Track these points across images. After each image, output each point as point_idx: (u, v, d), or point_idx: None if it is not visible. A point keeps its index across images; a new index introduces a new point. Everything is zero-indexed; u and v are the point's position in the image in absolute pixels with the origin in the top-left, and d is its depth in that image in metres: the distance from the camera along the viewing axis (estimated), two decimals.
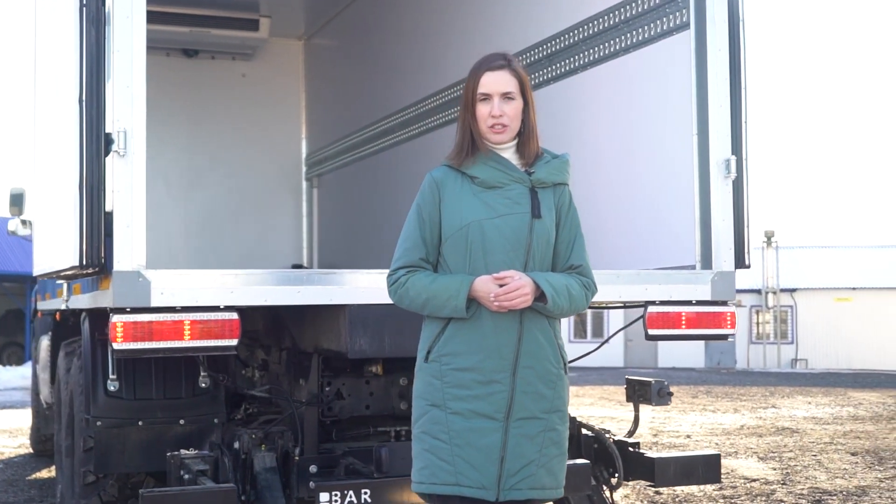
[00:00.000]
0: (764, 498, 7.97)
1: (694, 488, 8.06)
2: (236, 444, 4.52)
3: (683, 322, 4.75)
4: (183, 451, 4.54)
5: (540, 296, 3.12)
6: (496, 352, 3.12)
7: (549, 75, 6.05)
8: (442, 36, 7.58)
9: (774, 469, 9.37)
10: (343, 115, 9.53)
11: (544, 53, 6.12)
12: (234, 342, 4.06)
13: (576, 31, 5.80)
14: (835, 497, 8.08)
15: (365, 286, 4.24)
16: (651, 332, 4.69)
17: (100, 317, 5.18)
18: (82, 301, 4.92)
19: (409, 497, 4.40)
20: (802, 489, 8.34)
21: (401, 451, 4.37)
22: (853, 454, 10.37)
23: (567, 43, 5.89)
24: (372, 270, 4.27)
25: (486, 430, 3.11)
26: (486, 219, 3.17)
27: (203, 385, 5.28)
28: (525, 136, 3.26)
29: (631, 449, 5.00)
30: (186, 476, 4.27)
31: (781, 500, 7.90)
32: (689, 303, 4.76)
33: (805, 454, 10.37)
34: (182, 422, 5.24)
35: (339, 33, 9.76)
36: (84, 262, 3.84)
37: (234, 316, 4.05)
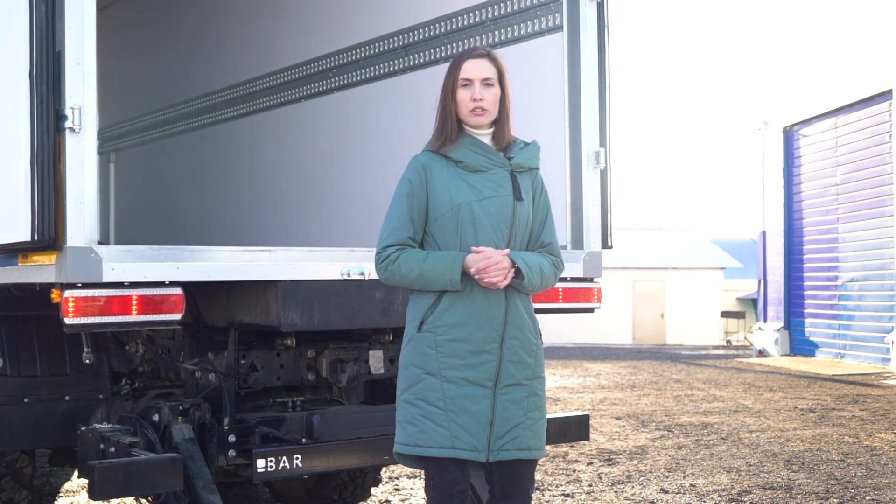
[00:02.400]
0: (561, 458, 8.73)
1: None
2: (155, 417, 4.60)
3: (560, 297, 5.28)
4: (98, 426, 4.58)
5: (517, 272, 3.47)
6: (487, 324, 3.44)
7: (408, 64, 6.40)
8: (275, 19, 7.72)
9: None
10: (148, 90, 9.42)
11: (401, 43, 6.47)
12: (178, 316, 4.18)
13: (438, 24, 6.18)
14: (621, 455, 8.96)
15: (298, 262, 4.46)
16: (534, 305, 5.17)
17: None
18: None
19: (336, 462, 4.68)
20: (591, 450, 9.18)
21: (330, 419, 4.64)
22: (618, 419, 11.41)
23: (427, 35, 6.26)
24: (303, 248, 4.50)
25: (478, 396, 3.41)
26: (474, 200, 3.47)
27: (87, 361, 5.30)
28: (501, 122, 3.57)
29: None
30: (112, 449, 4.32)
31: (577, 460, 8.68)
32: (564, 279, 5.28)
33: None
34: (67, 398, 5.23)
35: (140, 7, 9.61)
36: (36, 238, 3.84)
37: (179, 291, 4.16)
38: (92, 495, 4.07)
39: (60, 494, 7.31)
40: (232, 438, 4.64)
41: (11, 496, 5.38)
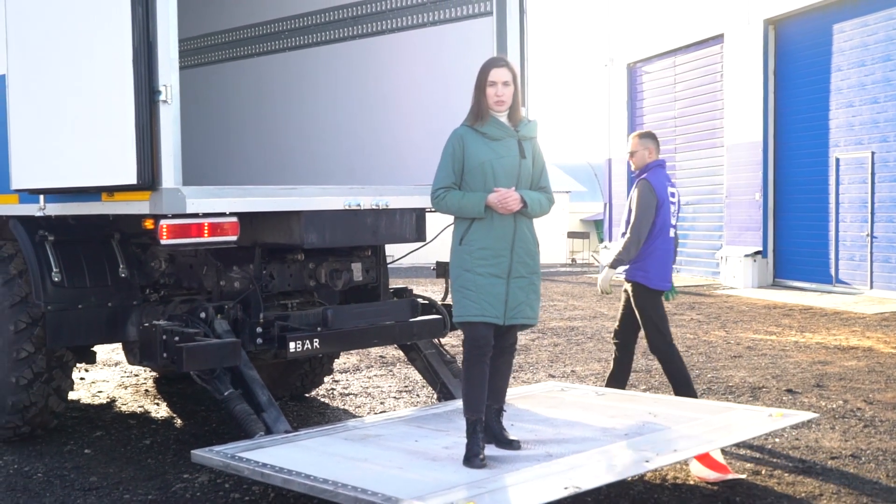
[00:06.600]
0: (458, 354, 10.45)
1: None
2: (202, 315, 6.03)
3: None
4: (157, 322, 5.98)
5: (524, 204, 5.15)
6: (502, 238, 5.14)
7: (356, 32, 7.84)
8: None
9: None
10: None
11: (350, 14, 7.89)
12: (235, 238, 5.63)
13: (383, 1, 7.63)
14: None
15: (314, 197, 5.97)
16: None
17: (30, 222, 6.38)
18: (70, 209, 6.07)
19: (341, 345, 6.24)
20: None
21: (339, 314, 6.19)
22: None
23: (374, 9, 7.71)
24: (317, 186, 5.99)
25: (497, 284, 5.13)
26: (494, 159, 5.16)
27: (123, 275, 6.67)
28: (514, 108, 5.25)
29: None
30: (176, 338, 5.75)
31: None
32: None
33: None
34: (110, 304, 6.60)
35: None
36: (140, 181, 5.23)
37: (235, 220, 5.62)
38: (181, 368, 5.53)
39: None
40: (259, 330, 6.13)
41: (59, 384, 6.74)
